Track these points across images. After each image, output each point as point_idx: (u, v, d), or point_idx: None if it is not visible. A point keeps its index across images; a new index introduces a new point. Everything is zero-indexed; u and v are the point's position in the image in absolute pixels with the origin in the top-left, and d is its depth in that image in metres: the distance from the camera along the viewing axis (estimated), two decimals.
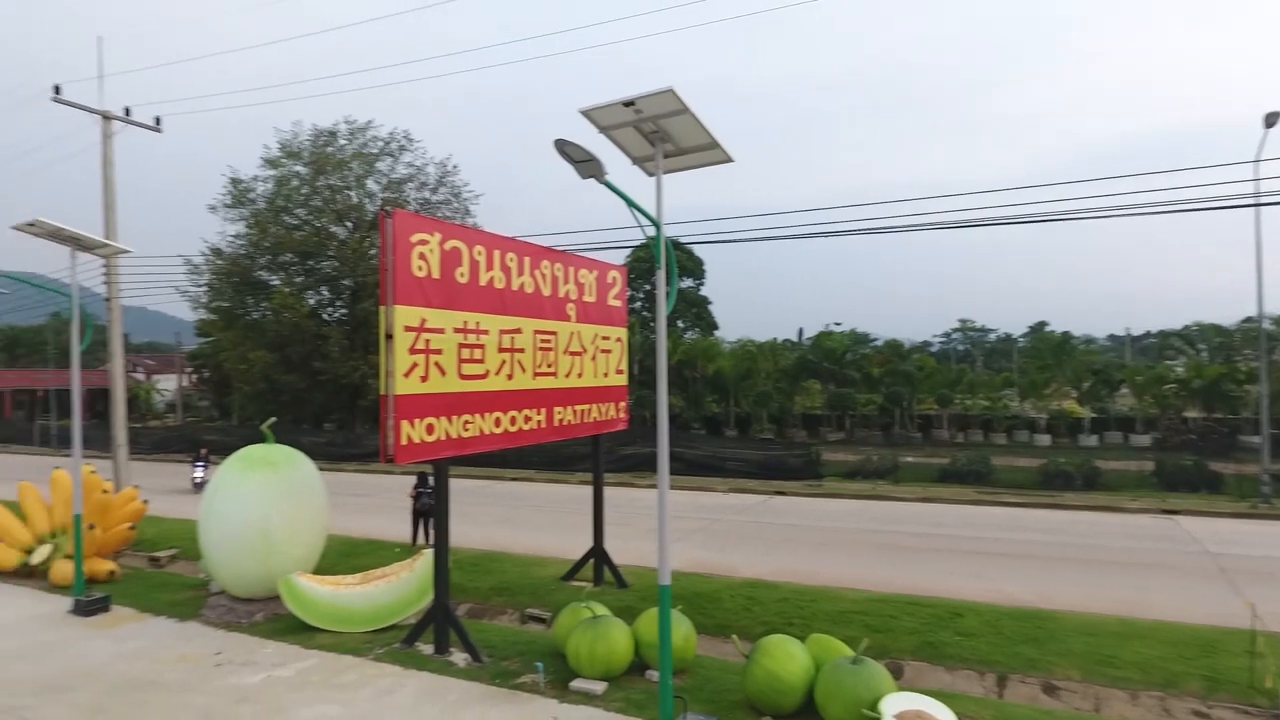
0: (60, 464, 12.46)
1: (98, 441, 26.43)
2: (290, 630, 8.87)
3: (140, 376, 61.48)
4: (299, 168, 34.69)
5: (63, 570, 11.07)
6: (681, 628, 7.50)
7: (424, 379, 7.59)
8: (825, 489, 22.43)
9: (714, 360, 40.47)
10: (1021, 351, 46.80)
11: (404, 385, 7.35)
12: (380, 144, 35.76)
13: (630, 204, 5.75)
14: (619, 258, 40.16)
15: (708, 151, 6.20)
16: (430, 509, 13.60)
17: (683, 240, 33.07)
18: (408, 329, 7.44)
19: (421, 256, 7.66)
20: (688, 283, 48.76)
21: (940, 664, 8.44)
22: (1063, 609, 10.03)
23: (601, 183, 5.70)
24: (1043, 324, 51.96)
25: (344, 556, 12.36)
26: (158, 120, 18.12)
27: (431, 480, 14.10)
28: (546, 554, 13.44)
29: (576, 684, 7.19)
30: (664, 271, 5.91)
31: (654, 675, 7.25)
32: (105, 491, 12.27)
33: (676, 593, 9.35)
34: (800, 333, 50.53)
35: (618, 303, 11.39)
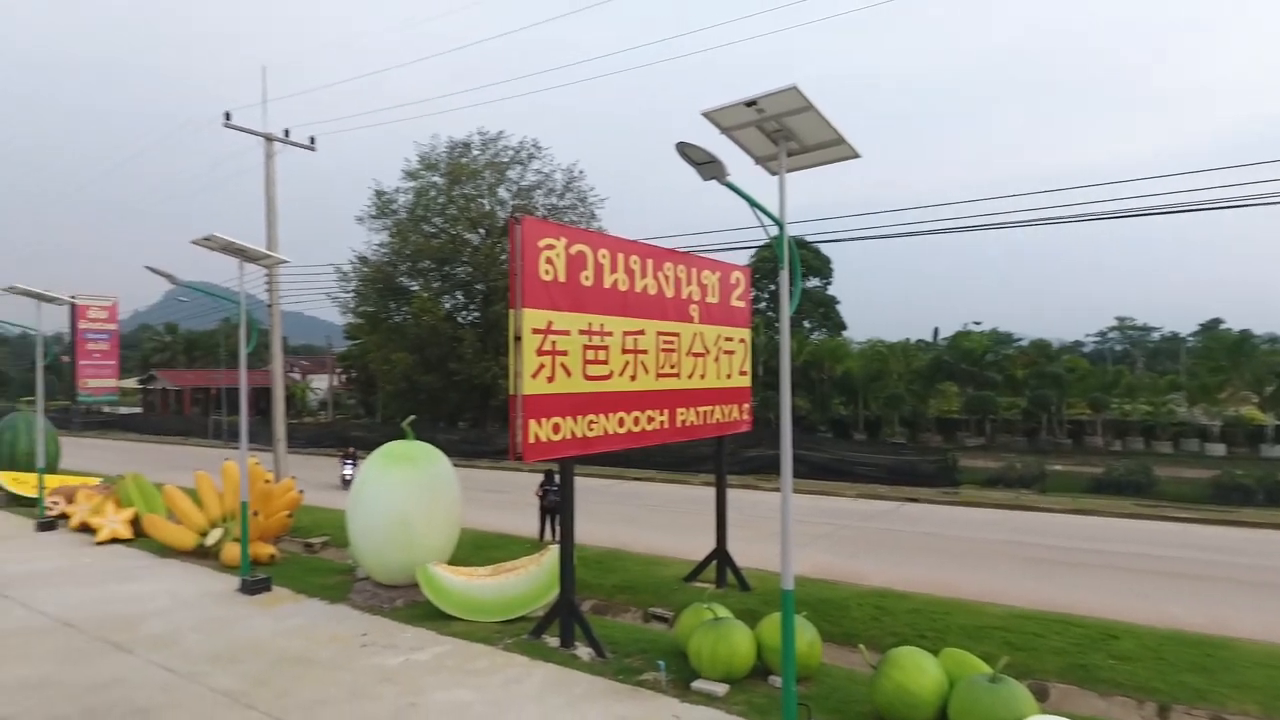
0: (229, 456, 13.73)
1: (260, 436, 28.89)
2: (427, 616, 9.36)
3: (296, 376, 66.73)
4: (436, 178, 36.62)
5: (232, 552, 12.17)
6: (806, 634, 7.34)
7: (550, 380, 7.81)
8: (962, 497, 21.34)
9: (842, 361, 39.40)
10: (1191, 352, 42.78)
11: (531, 385, 7.59)
12: (510, 153, 37.18)
13: (752, 204, 5.69)
14: (744, 258, 39.79)
15: (833, 148, 6.04)
16: (556, 506, 13.98)
17: (809, 239, 32.40)
18: (535, 331, 7.67)
19: (548, 261, 7.88)
20: (814, 282, 47.73)
21: (1092, 689, 7.82)
22: (1239, 637, 9.06)
23: (723, 184, 5.67)
24: (1216, 321, 47.22)
25: (476, 549, 12.90)
26: (312, 140, 19.61)
27: (557, 478, 14.54)
28: (668, 554, 13.50)
29: (698, 684, 7.18)
30: (787, 271, 5.81)
31: (776, 681, 7.13)
32: (267, 481, 13.40)
33: (800, 598, 9.15)
34: (935, 332, 48.28)
35: (741, 304, 11.29)
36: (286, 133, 18.80)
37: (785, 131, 5.76)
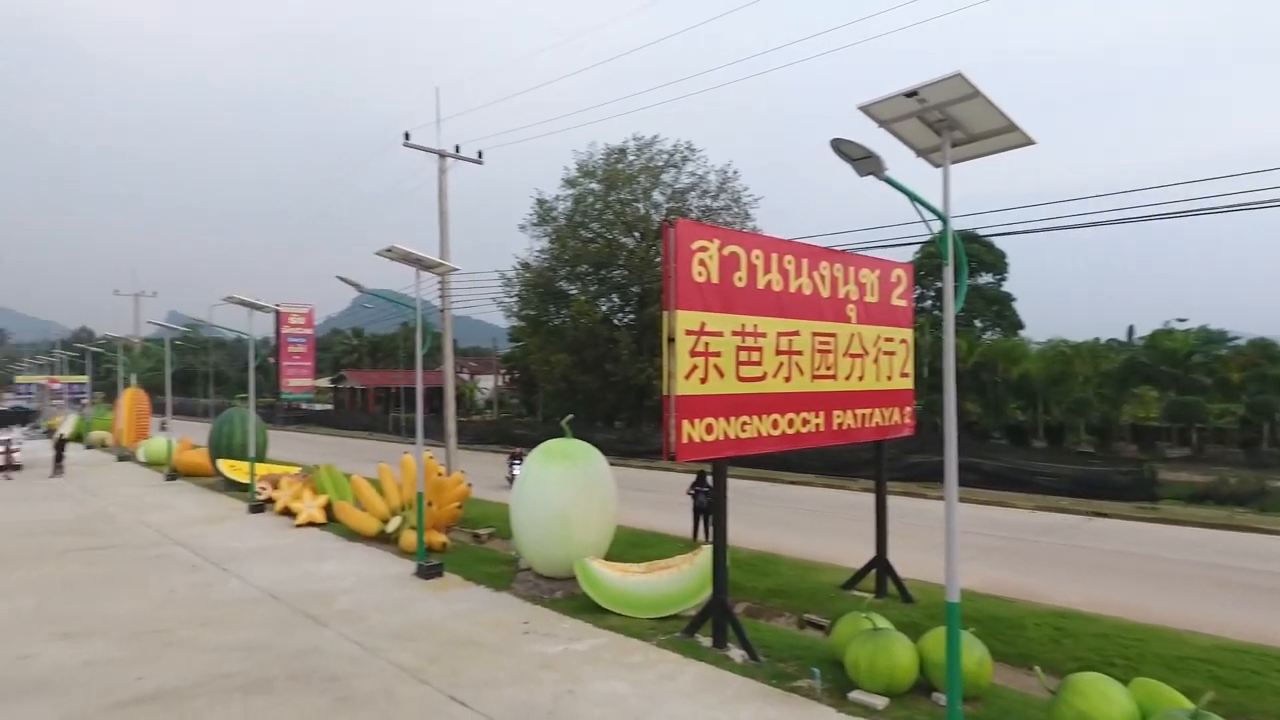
0: (407, 450, 14.82)
1: (433, 432, 30.98)
2: (584, 609, 9.66)
3: (465, 377, 70.84)
4: (594, 185, 37.75)
5: (409, 538, 13.14)
6: (974, 651, 6.91)
7: (703, 380, 7.84)
8: (1161, 513, 19.28)
9: (1018, 363, 36.68)
10: None
11: (684, 386, 7.65)
12: (665, 157, 37.66)
13: (913, 198, 5.44)
14: (908, 255, 38.01)
15: (1003, 136, 5.66)
16: (708, 506, 14.00)
17: (980, 232, 30.49)
18: (688, 332, 7.73)
19: (701, 263, 7.92)
20: (986, 278, 44.82)
21: None
22: None
23: (881, 179, 5.47)
24: None
25: (630, 546, 13.17)
26: (480, 154, 20.79)
27: (709, 479, 14.52)
28: (824, 560, 13.15)
29: (855, 695, 6.94)
30: (951, 267, 5.50)
31: (940, 698, 6.76)
32: (440, 475, 14.37)
33: (969, 614, 8.63)
34: (1130, 331, 43.76)
35: (902, 302, 10.82)
36: (457, 149, 20.05)
37: (949, 121, 5.46)
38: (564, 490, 10.56)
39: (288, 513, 16.80)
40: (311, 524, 15.90)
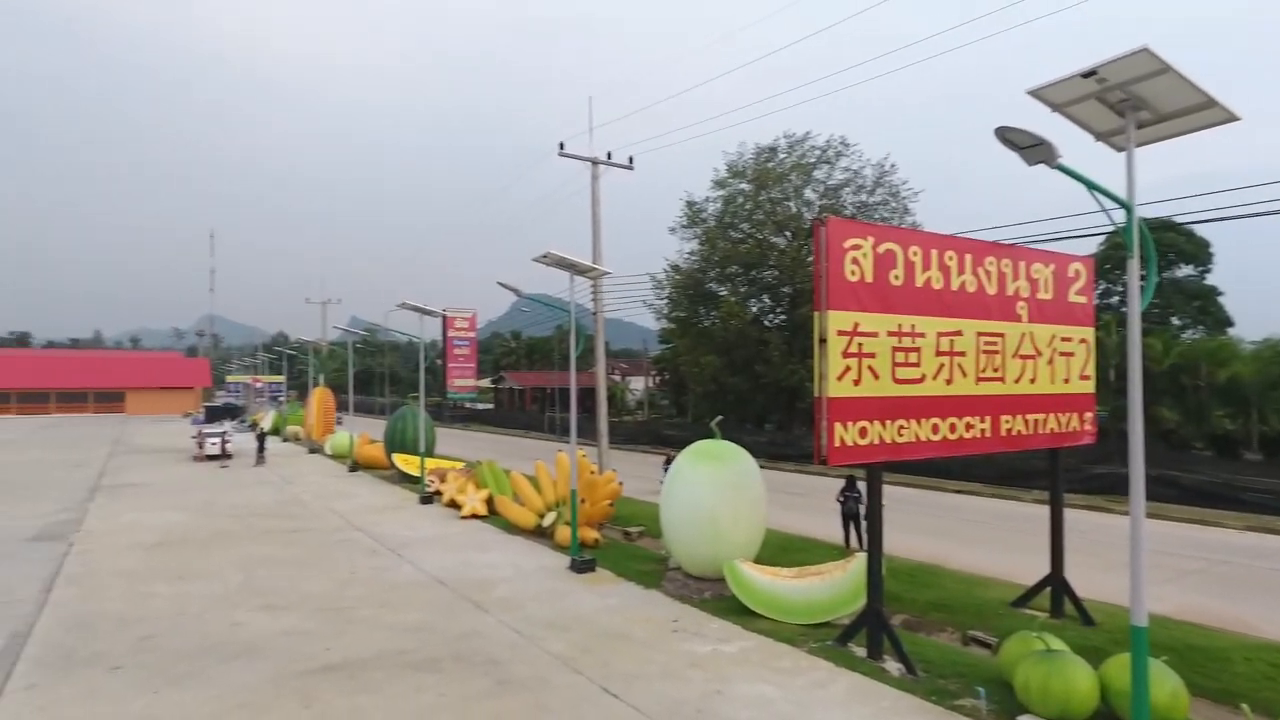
0: (561, 449, 15.40)
1: (585, 431, 31.90)
2: (733, 611, 9.62)
3: (617, 378, 72.48)
4: (744, 185, 37.48)
5: (563, 533, 13.62)
6: (1167, 682, 6.25)
7: (857, 382, 7.60)
8: None
9: (1225, 364, 32.68)
10: None
11: (837, 388, 7.45)
12: (817, 153, 36.77)
13: (1091, 186, 5.02)
14: (1092, 247, 34.90)
15: (1200, 113, 5.10)
16: (857, 512, 13.59)
17: (1179, 219, 27.53)
18: (840, 333, 7.52)
19: (854, 261, 7.69)
20: (1185, 271, 40.39)
21: None
22: None
23: (1054, 167, 5.07)
24: None
25: (780, 550, 12.96)
26: (630, 160, 21.26)
27: (860, 484, 14.07)
28: (990, 574, 12.35)
29: (1024, 719, 6.48)
30: (1136, 259, 5.02)
31: None
32: (592, 473, 14.80)
33: (1162, 642, 7.81)
34: None
35: (1082, 299, 9.97)
36: (609, 156, 20.62)
37: (1134, 101, 4.99)
38: (713, 490, 10.57)
39: (453, 505, 17.89)
40: (474, 516, 16.85)
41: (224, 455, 29.70)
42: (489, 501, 17.17)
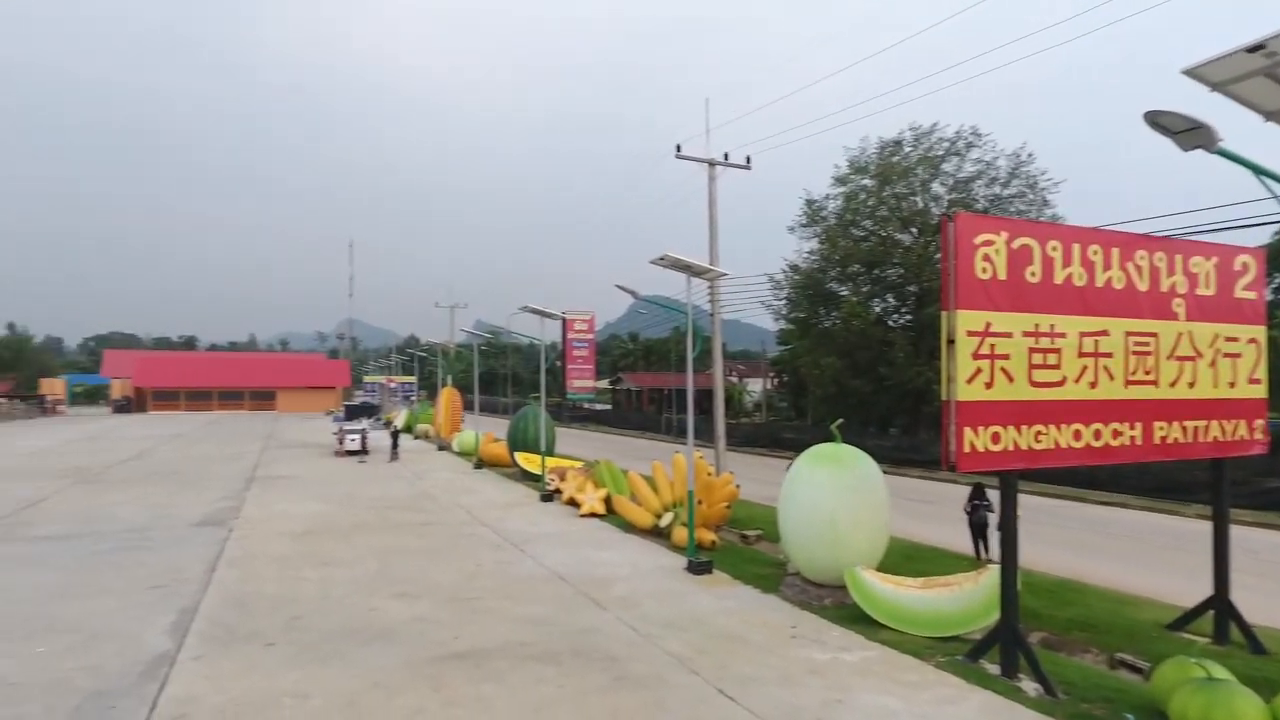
0: (678, 449, 15.42)
1: (702, 433, 31.83)
2: (854, 619, 9.34)
3: (734, 380, 72.01)
4: (866, 181, 36.38)
5: (680, 534, 13.65)
6: None
7: (988, 385, 7.22)
8: None
9: None
10: None
11: (966, 391, 7.10)
12: (945, 145, 35.21)
13: (1258, 171, 4.55)
14: (1265, 237, 31.62)
15: None
16: (986, 522, 12.95)
17: None
18: (970, 333, 7.17)
19: (985, 258, 7.30)
20: None
21: None
22: None
23: (1213, 152, 4.63)
24: None
25: (905, 559, 12.48)
26: (748, 160, 21.07)
27: (988, 492, 13.38)
28: (1140, 593, 11.43)
29: None
30: None
31: None
32: (709, 475, 14.75)
33: None
34: None
35: (1250, 294, 9.07)
36: (726, 156, 20.51)
37: None
38: (832, 494, 10.30)
39: (573, 503, 18.29)
40: (593, 515, 17.16)
41: (363, 451, 31.58)
42: (607, 500, 17.45)
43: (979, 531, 13.27)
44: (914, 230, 35.52)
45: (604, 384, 78.17)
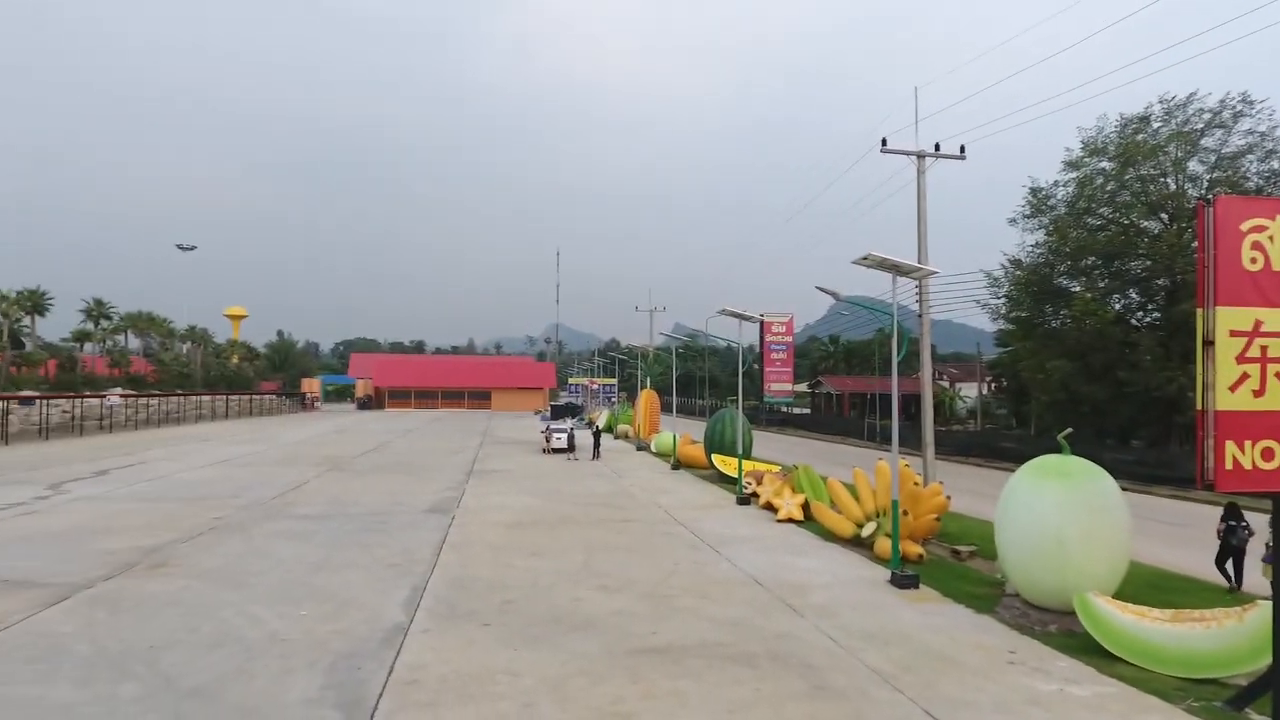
0: (880, 456, 14.75)
1: (909, 440, 30.20)
2: (1085, 650, 8.41)
3: (944, 384, 67.65)
4: (1104, 164, 32.62)
5: (883, 545, 13.04)
6: None
7: (1258, 393, 6.21)
8: None
9: None
10: None
11: (1229, 400, 6.17)
12: (1206, 116, 30.61)
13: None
14: None
15: None
16: (1243, 547, 11.30)
17: None
18: (1234, 333, 6.22)
19: (1255, 246, 6.30)
20: None
21: None
22: None
23: None
24: None
25: (1150, 588, 11.05)
26: (962, 149, 19.67)
27: (1242, 512, 11.66)
28: None
29: None
30: None
31: None
32: (916, 484, 13.95)
33: None
34: None
35: None
36: (937, 147, 19.28)
37: None
38: (1060, 511, 9.33)
39: (769, 508, 18.09)
40: (790, 520, 16.86)
41: (571, 449, 33.29)
42: (805, 506, 17.07)
43: (1234, 556, 11.61)
44: (1164, 216, 31.39)
45: (802, 387, 76.62)
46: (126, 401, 49.58)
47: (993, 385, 59.12)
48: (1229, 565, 11.80)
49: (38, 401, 41.64)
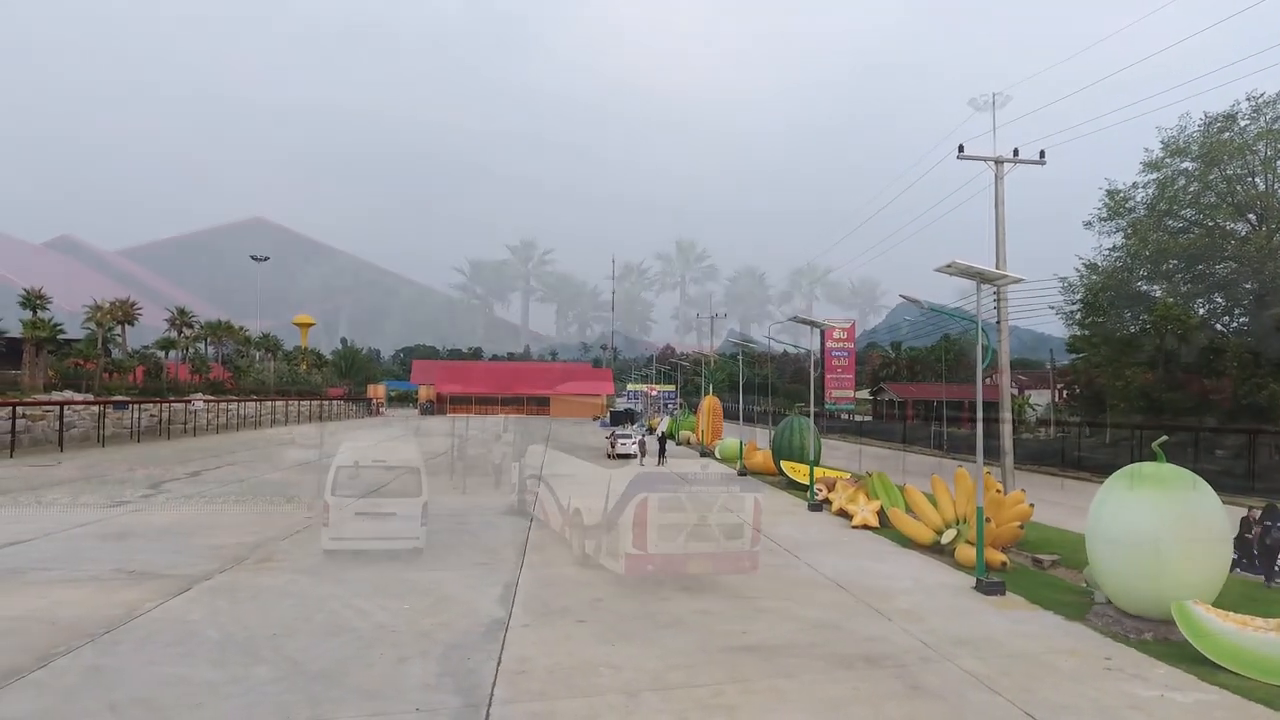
0: (947, 464, 14.63)
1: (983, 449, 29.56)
2: (1183, 659, 8.31)
3: (1015, 391, 65.93)
4: (1186, 164, 31.56)
5: (965, 553, 12.97)
6: None
7: None
8: None
9: None
10: None
11: None
12: None
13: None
14: None
15: None
16: (1271, 547, 11.22)
17: None
18: None
19: None
20: None
21: None
22: None
23: None
24: None
25: (1247, 600, 10.75)
26: (1041, 154, 19.42)
27: None
28: None
29: None
30: None
31: None
32: (998, 492, 13.84)
33: None
34: None
35: None
36: (1015, 152, 19.10)
37: None
38: (1156, 518, 9.22)
39: (843, 514, 18.07)
40: (865, 526, 16.83)
41: (641, 455, 33.59)
42: (880, 513, 17.02)
43: (1270, 554, 11.46)
44: (1251, 217, 30.20)
45: (864, 394, 75.61)
46: (208, 406, 52.00)
47: (1064, 393, 57.43)
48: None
49: (130, 406, 43.95)
